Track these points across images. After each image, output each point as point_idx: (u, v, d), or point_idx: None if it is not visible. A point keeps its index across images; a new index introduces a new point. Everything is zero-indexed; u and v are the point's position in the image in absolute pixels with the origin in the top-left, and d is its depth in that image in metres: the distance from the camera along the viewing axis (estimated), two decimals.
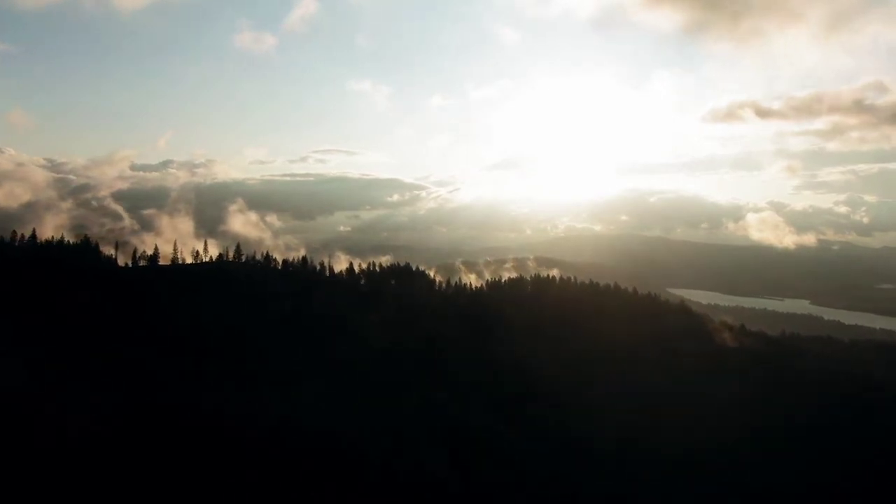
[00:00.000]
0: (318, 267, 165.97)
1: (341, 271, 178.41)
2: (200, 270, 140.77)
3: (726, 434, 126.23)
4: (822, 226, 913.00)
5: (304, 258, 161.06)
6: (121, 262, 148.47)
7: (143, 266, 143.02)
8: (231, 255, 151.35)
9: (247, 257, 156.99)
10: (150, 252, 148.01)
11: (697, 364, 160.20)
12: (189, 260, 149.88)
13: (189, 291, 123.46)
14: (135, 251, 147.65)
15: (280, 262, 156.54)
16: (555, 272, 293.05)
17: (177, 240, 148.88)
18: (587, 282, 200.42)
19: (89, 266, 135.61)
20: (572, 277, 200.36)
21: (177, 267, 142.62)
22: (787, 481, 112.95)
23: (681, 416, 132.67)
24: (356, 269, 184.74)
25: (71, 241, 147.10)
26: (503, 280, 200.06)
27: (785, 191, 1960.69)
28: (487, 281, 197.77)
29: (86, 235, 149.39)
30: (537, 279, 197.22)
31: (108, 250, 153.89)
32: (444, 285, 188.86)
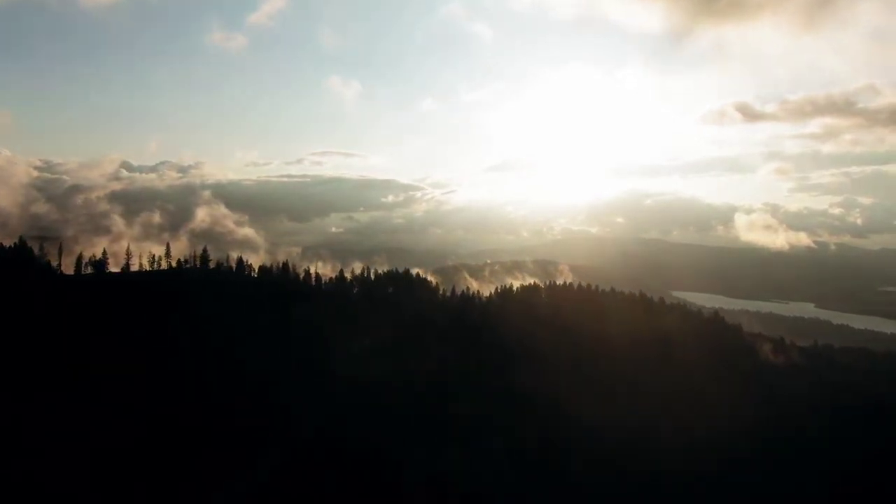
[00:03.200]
0: (303, 274, 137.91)
1: (331, 278, 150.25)
2: (154, 279, 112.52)
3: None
4: (817, 228, 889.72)
5: (284, 264, 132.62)
6: (66, 269, 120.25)
7: (87, 274, 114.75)
8: (197, 260, 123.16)
9: (219, 262, 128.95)
10: (117, 257, 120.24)
11: (745, 383, 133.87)
12: (147, 266, 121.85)
13: (133, 305, 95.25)
14: (80, 256, 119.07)
15: (256, 269, 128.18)
16: (568, 277, 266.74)
17: (129, 244, 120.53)
18: (608, 289, 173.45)
19: (19, 274, 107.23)
20: (593, 285, 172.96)
21: (128, 275, 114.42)
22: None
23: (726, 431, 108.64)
24: (348, 275, 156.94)
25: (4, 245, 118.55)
26: (514, 288, 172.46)
27: (780, 193, 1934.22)
28: (497, 289, 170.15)
29: (20, 237, 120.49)
30: (553, 287, 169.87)
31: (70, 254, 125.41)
32: (447, 293, 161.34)
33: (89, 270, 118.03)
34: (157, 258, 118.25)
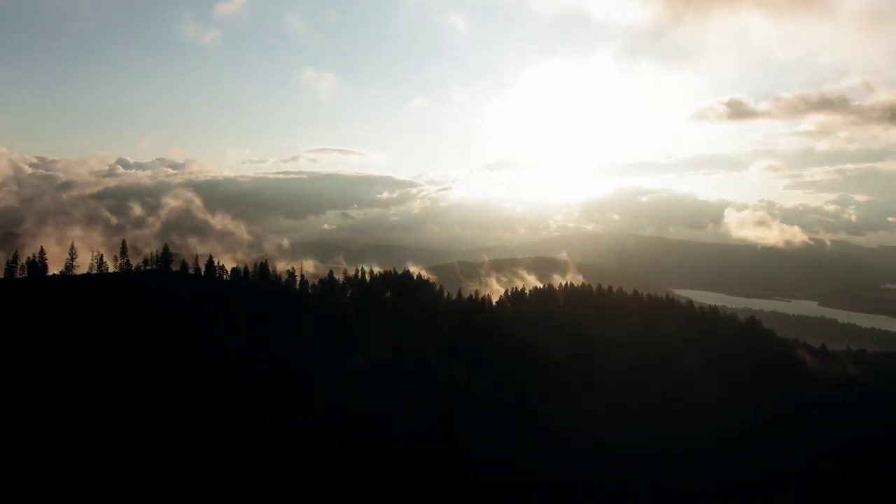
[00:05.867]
0: (286, 276, 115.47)
1: (322, 279, 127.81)
2: (97, 282, 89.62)
3: None
4: (813, 225, 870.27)
5: (262, 265, 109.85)
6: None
7: (17, 278, 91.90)
8: (157, 260, 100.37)
9: (184, 263, 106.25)
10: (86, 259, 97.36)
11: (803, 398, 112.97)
12: (96, 268, 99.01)
13: (58, 315, 72.60)
14: (15, 257, 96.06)
15: (228, 272, 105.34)
16: (574, 277, 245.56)
17: (74, 242, 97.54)
18: (631, 292, 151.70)
19: None
20: (614, 287, 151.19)
21: (66, 278, 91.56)
22: None
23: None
24: (340, 276, 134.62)
25: None
26: (526, 291, 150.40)
27: (775, 190, 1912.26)
28: (507, 292, 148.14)
29: None
30: (570, 290, 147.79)
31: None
32: (452, 296, 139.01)
33: (21, 275, 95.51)
34: (103, 259, 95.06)
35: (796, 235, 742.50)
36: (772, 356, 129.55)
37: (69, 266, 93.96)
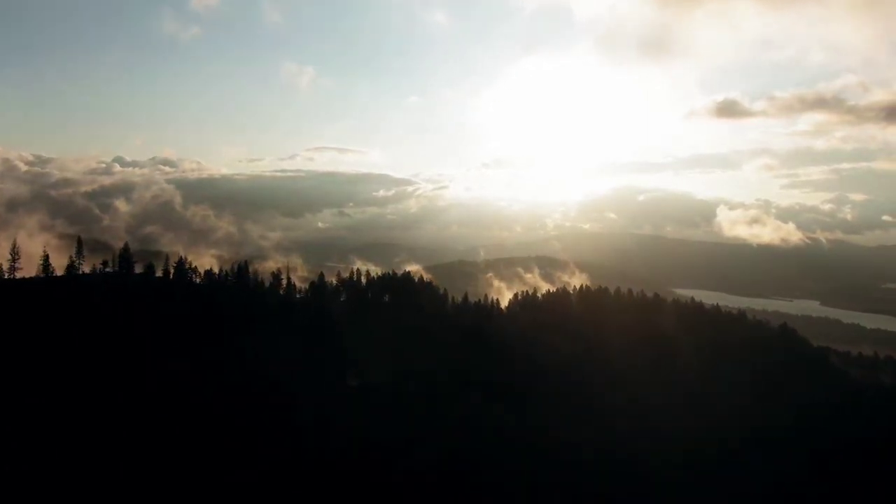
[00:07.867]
0: (270, 279, 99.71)
1: (313, 282, 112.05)
2: (30, 288, 73.38)
3: None
4: (810, 224, 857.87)
5: (241, 266, 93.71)
6: None
7: None
8: (115, 262, 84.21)
9: (149, 265, 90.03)
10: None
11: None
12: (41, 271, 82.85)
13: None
14: None
15: (202, 274, 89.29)
16: (579, 278, 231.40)
17: (16, 239, 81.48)
18: (652, 296, 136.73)
19: None
20: (635, 290, 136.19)
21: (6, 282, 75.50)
22: None
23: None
24: (333, 279, 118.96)
25: None
26: (538, 294, 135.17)
27: (772, 189, 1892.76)
28: (517, 296, 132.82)
29: None
30: (586, 293, 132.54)
31: None
32: (456, 300, 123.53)
33: None
34: (48, 262, 78.74)
35: (792, 234, 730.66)
36: (809, 364, 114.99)
37: (8, 269, 77.85)
